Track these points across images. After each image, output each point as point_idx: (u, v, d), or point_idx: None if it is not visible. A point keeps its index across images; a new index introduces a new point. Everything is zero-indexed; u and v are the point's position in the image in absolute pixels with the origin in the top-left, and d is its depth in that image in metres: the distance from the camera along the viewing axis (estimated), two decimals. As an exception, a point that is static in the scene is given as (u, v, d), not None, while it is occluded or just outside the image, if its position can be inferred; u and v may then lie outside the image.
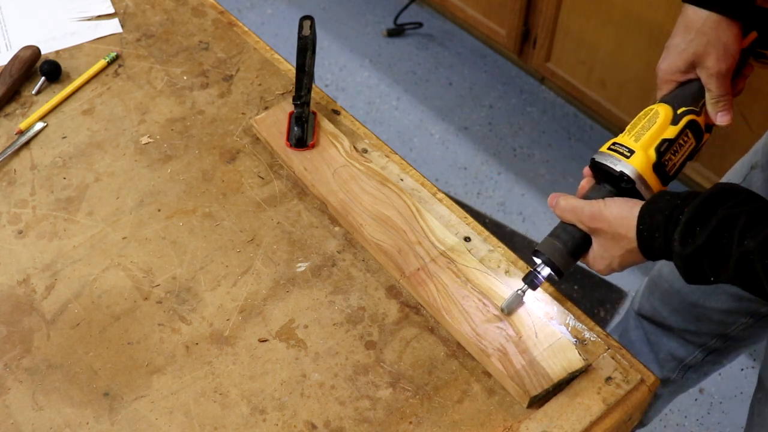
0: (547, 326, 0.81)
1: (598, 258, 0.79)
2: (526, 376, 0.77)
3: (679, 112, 0.81)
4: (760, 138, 1.07)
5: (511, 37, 2.23)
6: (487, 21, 2.30)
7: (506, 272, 0.87)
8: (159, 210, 0.95)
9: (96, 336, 0.84)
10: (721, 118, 0.82)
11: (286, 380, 0.80)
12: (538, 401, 0.77)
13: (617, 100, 2.08)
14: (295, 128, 0.98)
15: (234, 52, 1.16)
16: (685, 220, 0.68)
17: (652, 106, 0.82)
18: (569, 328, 0.82)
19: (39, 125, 1.05)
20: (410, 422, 0.76)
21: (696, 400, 1.81)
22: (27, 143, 1.03)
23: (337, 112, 1.06)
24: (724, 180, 1.11)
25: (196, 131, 1.05)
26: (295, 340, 0.83)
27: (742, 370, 1.85)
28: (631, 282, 2.03)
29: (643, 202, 0.74)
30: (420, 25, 2.58)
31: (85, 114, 1.08)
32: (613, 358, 0.79)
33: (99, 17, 1.23)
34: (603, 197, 0.77)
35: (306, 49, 0.99)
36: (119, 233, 0.93)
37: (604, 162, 0.78)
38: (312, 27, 1.00)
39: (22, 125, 1.05)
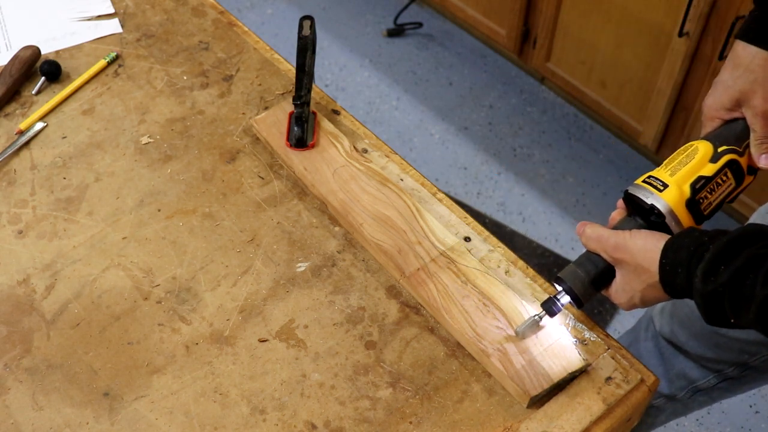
0: (547, 326, 0.81)
1: (620, 291, 0.77)
2: (526, 376, 0.77)
3: (719, 150, 0.79)
4: None
5: (511, 37, 2.23)
6: (487, 21, 2.30)
7: (506, 272, 0.87)
8: (159, 210, 0.95)
9: (96, 336, 0.84)
10: (764, 161, 0.80)
11: (286, 380, 0.80)
12: (538, 401, 0.77)
13: (617, 100, 2.08)
14: (295, 128, 0.98)
15: (234, 52, 1.16)
16: (710, 258, 0.67)
17: (692, 142, 0.81)
18: (569, 328, 0.82)
19: (39, 125, 1.05)
20: (410, 422, 0.76)
21: (696, 400, 1.80)
22: (27, 143, 1.03)
23: (337, 112, 1.06)
24: (754, 217, 1.08)
25: (196, 131, 1.05)
26: (295, 340, 0.83)
27: (742, 370, 1.85)
28: (631, 282, 2.02)
29: (669, 237, 0.72)
30: (420, 25, 2.58)
31: (85, 114, 1.08)
32: (613, 358, 0.79)
33: (99, 17, 1.23)
34: (631, 229, 0.76)
35: (306, 49, 0.99)
36: (119, 233, 0.93)
37: (636, 194, 0.77)
38: (312, 27, 1.00)
39: (22, 125, 1.05)
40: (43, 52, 1.15)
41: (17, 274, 0.89)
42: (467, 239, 0.90)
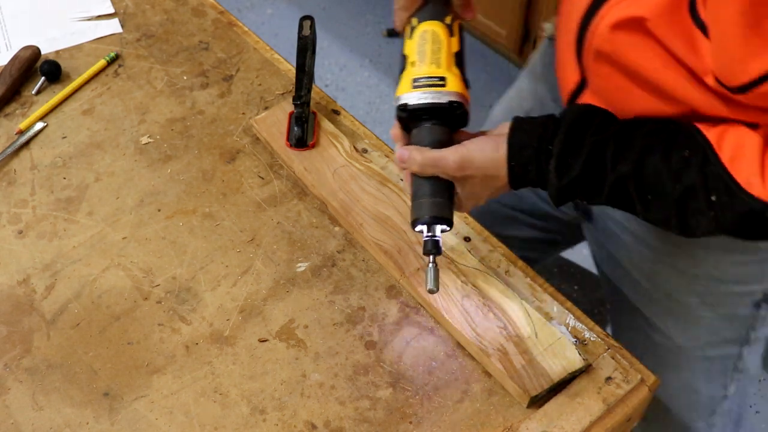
0: (547, 326, 0.81)
1: (464, 201, 0.77)
2: (526, 376, 0.77)
3: (447, 21, 0.77)
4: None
5: (511, 37, 2.23)
6: (487, 21, 2.30)
7: (506, 272, 0.87)
8: (159, 210, 0.95)
9: (96, 336, 0.84)
10: (468, 13, 0.81)
11: (286, 380, 0.80)
12: (538, 401, 0.77)
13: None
14: (295, 128, 0.98)
15: (234, 52, 1.16)
16: (558, 153, 0.70)
17: (421, 28, 0.77)
18: (569, 328, 0.82)
19: (39, 125, 1.05)
20: (410, 422, 0.76)
21: (696, 400, 1.80)
22: (27, 143, 1.03)
23: (337, 112, 1.06)
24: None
25: (196, 131, 1.05)
26: (295, 340, 0.83)
27: (742, 370, 1.85)
28: (631, 282, 2.02)
29: (504, 138, 0.73)
30: (420, 25, 2.58)
31: (85, 114, 1.08)
32: (613, 358, 0.79)
33: (99, 17, 1.23)
34: (438, 137, 0.75)
35: (306, 49, 0.99)
36: (119, 233, 0.93)
37: (426, 101, 0.73)
38: (312, 27, 1.00)
39: (22, 125, 1.05)
40: (43, 52, 1.15)
41: (17, 274, 0.89)
42: (467, 239, 0.90)
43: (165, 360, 0.81)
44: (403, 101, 0.75)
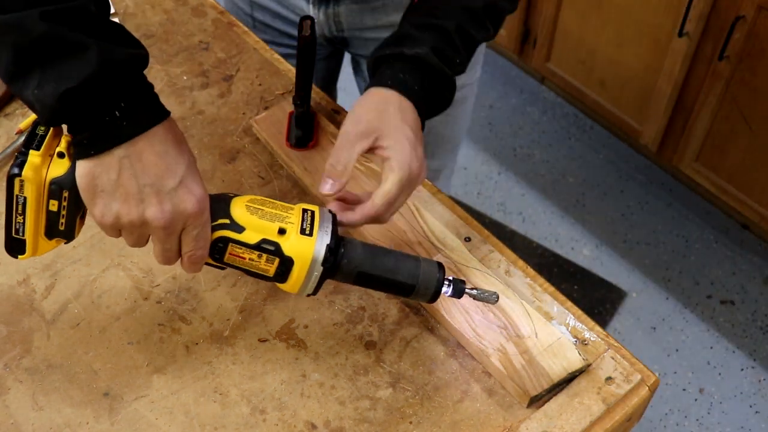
0: (547, 326, 0.81)
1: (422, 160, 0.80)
2: (526, 375, 0.77)
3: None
4: None
5: (511, 37, 2.23)
6: (487, 21, 2.30)
7: (506, 272, 0.87)
8: (159, 210, 0.95)
9: (96, 336, 0.84)
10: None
11: (286, 380, 0.80)
12: (537, 401, 0.77)
13: (617, 100, 2.08)
14: (295, 128, 0.98)
15: (234, 52, 1.16)
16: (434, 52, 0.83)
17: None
18: (569, 328, 0.82)
19: (39, 125, 1.05)
20: (410, 422, 0.76)
21: (696, 400, 1.81)
22: (27, 143, 1.03)
23: (337, 112, 1.06)
24: None
25: (196, 131, 1.05)
26: (295, 340, 0.83)
27: (742, 370, 1.85)
28: (631, 282, 2.03)
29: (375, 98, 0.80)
30: (420, 25, 2.58)
31: (85, 114, 1.07)
32: (613, 359, 0.79)
33: (99, 17, 1.22)
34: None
35: (306, 49, 0.99)
36: (119, 233, 0.93)
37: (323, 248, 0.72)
38: (312, 27, 1.00)
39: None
40: (43, 52, 1.15)
41: (17, 274, 0.89)
42: (467, 239, 0.90)
43: (165, 360, 0.81)
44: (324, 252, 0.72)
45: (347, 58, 1.35)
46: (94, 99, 0.63)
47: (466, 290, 0.76)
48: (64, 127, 0.67)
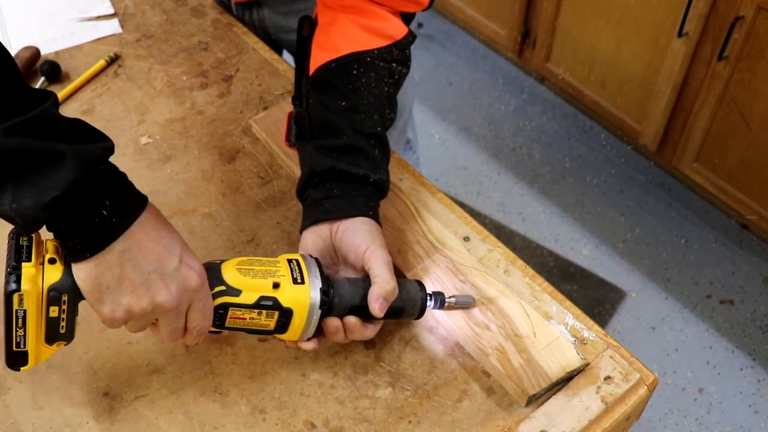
0: (545, 325, 0.81)
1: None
2: (525, 375, 0.77)
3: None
4: None
5: (511, 38, 2.23)
6: (487, 21, 2.31)
7: (505, 272, 0.87)
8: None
9: (96, 336, 0.84)
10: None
11: (286, 380, 0.80)
12: (536, 400, 0.77)
13: (617, 101, 2.08)
14: (295, 128, 0.98)
15: (233, 52, 1.16)
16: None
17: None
18: (568, 328, 0.82)
19: (39, 125, 1.05)
20: (409, 421, 0.76)
21: (695, 399, 1.81)
22: (27, 143, 1.04)
23: (336, 112, 1.06)
24: None
25: (195, 131, 1.05)
26: (294, 339, 0.83)
27: (741, 370, 1.86)
28: (630, 282, 2.03)
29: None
30: (420, 25, 2.58)
31: (84, 114, 1.08)
32: (611, 358, 0.80)
33: (99, 17, 1.23)
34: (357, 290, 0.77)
35: (305, 49, 0.99)
36: (119, 233, 0.93)
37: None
38: (311, 27, 1.00)
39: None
40: (43, 53, 1.15)
41: (17, 274, 0.89)
42: (466, 239, 0.90)
43: (165, 360, 0.82)
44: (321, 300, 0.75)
45: None
46: (79, 204, 0.62)
47: (446, 300, 0.81)
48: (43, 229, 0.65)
